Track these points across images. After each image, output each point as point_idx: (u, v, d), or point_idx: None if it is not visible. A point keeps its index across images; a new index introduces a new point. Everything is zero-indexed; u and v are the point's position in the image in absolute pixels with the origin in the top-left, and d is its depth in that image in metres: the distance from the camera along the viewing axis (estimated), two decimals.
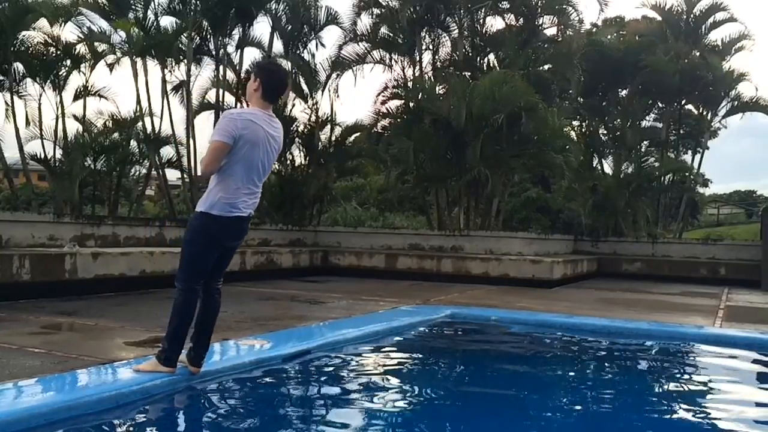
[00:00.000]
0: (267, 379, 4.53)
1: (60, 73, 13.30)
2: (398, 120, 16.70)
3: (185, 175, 15.41)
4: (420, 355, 6.20)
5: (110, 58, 14.40)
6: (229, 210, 3.76)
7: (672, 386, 5.20)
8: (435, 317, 7.52)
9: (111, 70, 14.57)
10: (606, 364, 6.20)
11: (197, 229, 3.83)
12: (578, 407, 4.58)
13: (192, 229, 3.86)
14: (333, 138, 17.61)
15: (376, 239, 15.54)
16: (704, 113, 19.01)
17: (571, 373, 5.67)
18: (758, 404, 4.66)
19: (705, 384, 5.40)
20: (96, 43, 13.90)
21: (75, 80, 13.74)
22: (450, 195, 17.04)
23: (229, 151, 3.69)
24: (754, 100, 18.22)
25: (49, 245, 9.52)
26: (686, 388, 5.18)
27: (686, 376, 5.66)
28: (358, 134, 18.07)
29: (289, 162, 17.72)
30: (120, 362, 4.40)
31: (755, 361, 6.15)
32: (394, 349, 6.19)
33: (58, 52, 13.28)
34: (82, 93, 13.93)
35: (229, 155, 3.71)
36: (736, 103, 18.46)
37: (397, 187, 20.45)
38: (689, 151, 20.39)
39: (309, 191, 17.19)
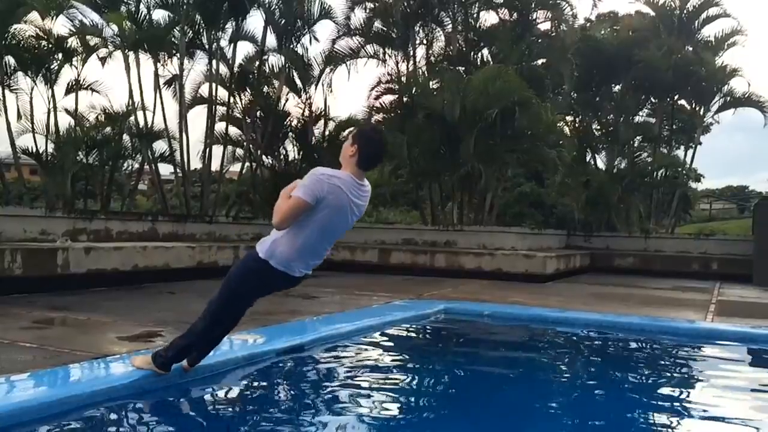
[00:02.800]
0: (260, 374, 4.53)
1: (52, 66, 13.20)
2: (392, 115, 16.70)
3: (178, 170, 15.35)
4: (413, 350, 6.21)
5: (102, 52, 14.30)
6: (288, 267, 3.55)
7: (665, 381, 5.23)
8: (428, 312, 7.54)
9: (103, 64, 14.48)
10: (597, 358, 6.23)
11: (251, 271, 3.61)
12: (569, 400, 4.60)
13: (246, 267, 3.64)
14: (326, 133, 17.59)
15: (369, 234, 15.54)
16: (697, 109, 19.05)
17: (563, 368, 5.70)
18: (749, 397, 4.69)
19: (695, 377, 5.44)
20: (88, 37, 13.79)
21: (67, 74, 13.64)
22: (443, 190, 17.06)
23: (309, 210, 3.47)
24: (746, 95, 18.27)
25: (41, 240, 9.49)
26: (678, 382, 5.20)
27: (678, 370, 5.69)
28: (351, 129, 18.04)
29: (282, 157, 17.70)
30: (113, 357, 4.40)
31: (746, 355, 6.19)
32: (388, 343, 6.20)
33: (50, 46, 13.17)
34: (74, 87, 13.84)
35: (306, 213, 3.48)
36: (728, 98, 18.51)
37: (390, 182, 20.47)
38: (682, 147, 20.45)
39: None
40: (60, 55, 13.32)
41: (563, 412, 4.25)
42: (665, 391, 4.88)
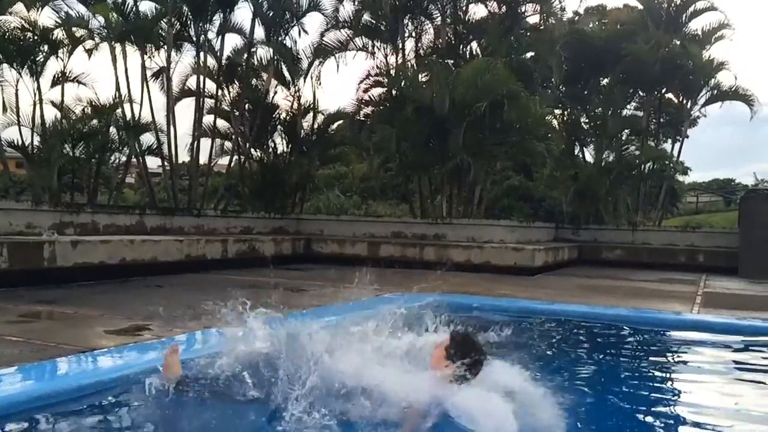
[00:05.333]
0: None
1: (37, 58, 13.07)
2: (381, 108, 16.67)
3: (166, 163, 15.27)
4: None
5: (88, 44, 14.16)
6: None
7: (652, 370, 5.28)
8: (417, 305, 7.53)
9: (89, 56, 14.34)
10: (584, 347, 6.27)
11: None
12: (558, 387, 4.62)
13: None
14: (315, 126, 17.56)
15: (358, 227, 15.54)
16: (684, 102, 19.15)
17: (553, 359, 5.73)
18: (733, 387, 4.74)
19: (681, 368, 5.49)
20: (74, 29, 13.66)
21: (53, 66, 13.52)
22: (432, 183, 17.06)
23: None
24: (733, 89, 18.39)
25: (27, 233, 9.41)
26: (662, 372, 5.25)
27: (664, 361, 5.74)
28: (340, 122, 18.02)
29: (271, 150, 17.64)
30: (100, 350, 4.38)
31: (731, 346, 6.25)
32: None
33: (35, 37, 13.04)
34: (60, 79, 13.71)
35: None
36: (715, 92, 18.62)
37: (379, 175, 20.46)
38: (669, 140, 20.56)
39: (291, 179, 17.14)
40: (45, 47, 13.19)
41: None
42: (649, 380, 4.92)
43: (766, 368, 5.40)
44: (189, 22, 15.05)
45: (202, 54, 15.27)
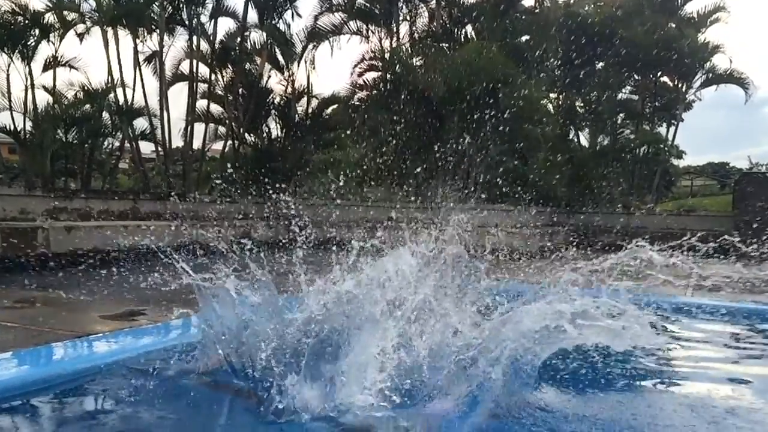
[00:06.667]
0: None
1: (28, 42, 12.97)
2: (375, 92, 16.59)
3: (159, 148, 15.20)
4: None
5: (80, 28, 14.07)
6: None
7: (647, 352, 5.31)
8: None
9: (81, 40, 14.25)
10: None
11: None
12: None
13: None
14: (310, 110, 17.48)
15: (353, 212, 15.51)
16: (679, 85, 19.14)
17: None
18: (727, 364, 4.79)
19: (674, 346, 5.54)
20: (65, 12, 13.54)
21: (44, 50, 13.46)
22: (427, 167, 17.03)
23: None
24: (728, 72, 18.37)
25: (20, 219, 9.36)
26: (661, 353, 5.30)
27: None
28: (335, 106, 17.94)
29: (265, 135, 17.57)
30: (95, 335, 4.37)
31: (723, 327, 6.31)
32: None
33: (26, 21, 12.92)
34: (52, 63, 13.61)
35: None
36: (710, 75, 18.60)
37: (374, 159, 20.39)
38: (664, 124, 20.55)
39: (285, 164, 17.09)
40: (37, 31, 13.08)
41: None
42: (650, 365, 4.96)
43: None
44: (181, 6, 14.92)
45: (194, 38, 15.16)
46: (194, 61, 15.40)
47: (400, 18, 17.22)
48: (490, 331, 3.55)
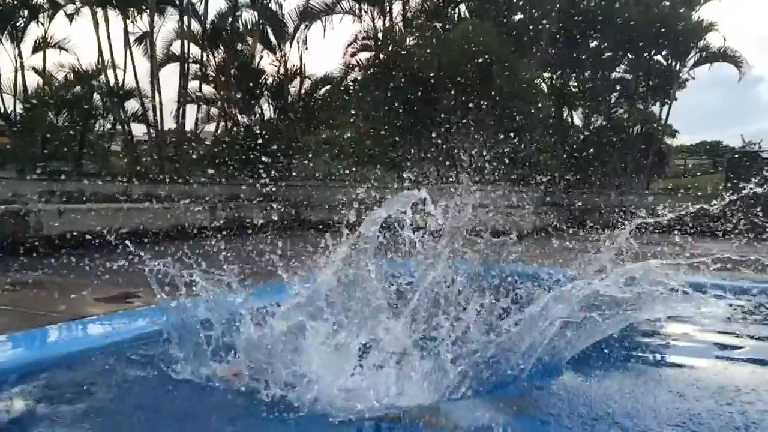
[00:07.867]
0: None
1: (17, 23, 12.84)
2: (368, 72, 16.50)
3: (152, 130, 15.12)
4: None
5: (70, 8, 13.94)
6: None
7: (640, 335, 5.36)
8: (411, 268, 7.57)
9: (71, 21, 14.12)
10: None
11: None
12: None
13: None
14: (302, 91, 17.39)
15: (347, 194, 15.50)
16: (673, 64, 19.08)
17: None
18: (720, 346, 4.84)
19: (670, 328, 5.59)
20: None
21: (34, 31, 13.30)
22: (421, 147, 16.99)
23: None
24: (722, 50, 18.33)
25: (12, 202, 9.32)
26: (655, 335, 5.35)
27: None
28: (328, 87, 17.85)
29: (258, 116, 17.48)
30: (89, 318, 4.38)
31: (713, 305, 6.36)
32: None
33: (15, 2, 12.78)
34: (42, 45, 13.48)
35: None
36: (704, 53, 18.55)
37: (368, 140, 20.32)
38: (658, 103, 20.53)
39: (279, 145, 17.02)
40: (26, 12, 12.94)
41: None
42: (643, 343, 5.03)
43: None
44: None
45: (186, 18, 15.01)
46: (185, 42, 15.28)
47: None
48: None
